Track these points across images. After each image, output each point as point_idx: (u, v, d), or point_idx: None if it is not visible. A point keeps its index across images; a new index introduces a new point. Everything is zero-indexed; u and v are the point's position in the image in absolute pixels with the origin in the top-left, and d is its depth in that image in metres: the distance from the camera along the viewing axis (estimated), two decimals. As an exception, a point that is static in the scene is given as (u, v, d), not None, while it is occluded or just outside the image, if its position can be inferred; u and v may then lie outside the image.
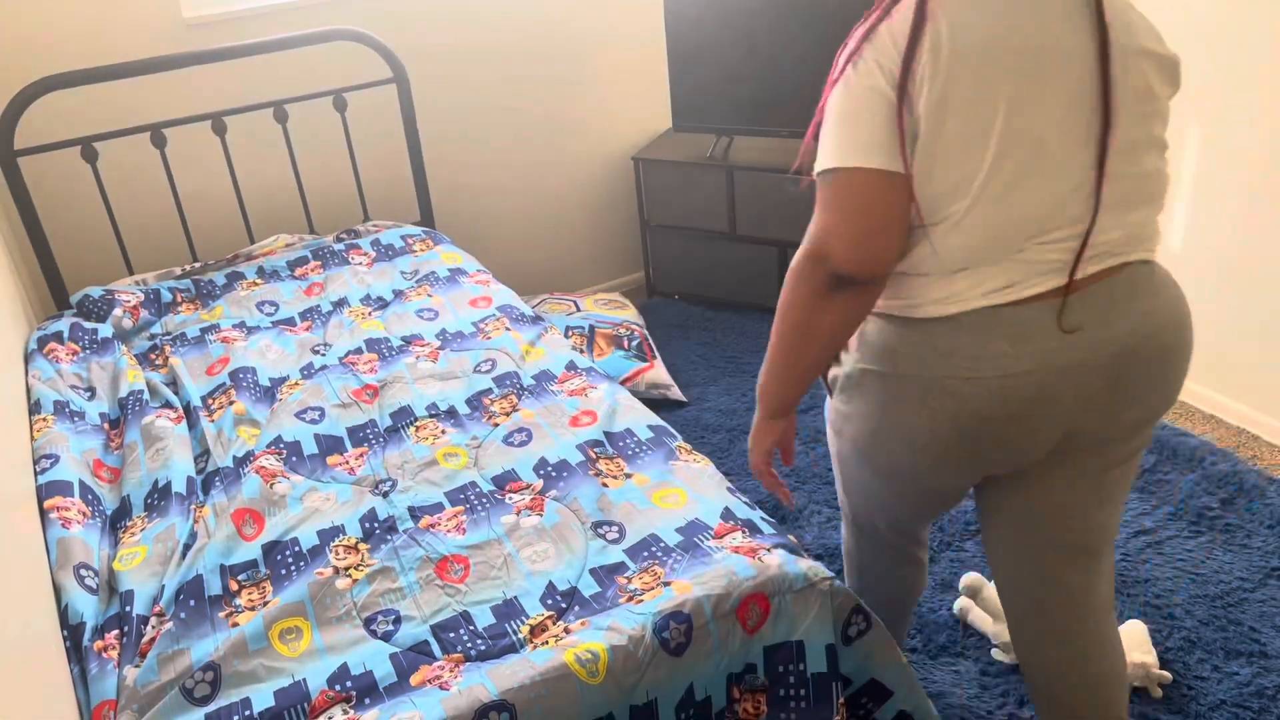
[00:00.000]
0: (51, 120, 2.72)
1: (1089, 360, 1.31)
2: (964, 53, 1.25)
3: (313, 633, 1.45)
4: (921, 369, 1.36)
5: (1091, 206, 1.30)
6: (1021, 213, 1.28)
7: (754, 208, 3.27)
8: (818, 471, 2.57)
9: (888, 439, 1.45)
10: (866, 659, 1.54)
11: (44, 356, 2.22)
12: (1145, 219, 1.38)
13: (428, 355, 2.19)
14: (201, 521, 1.71)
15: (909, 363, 1.38)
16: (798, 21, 3.02)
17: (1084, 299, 1.31)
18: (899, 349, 1.39)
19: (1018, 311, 1.30)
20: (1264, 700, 1.86)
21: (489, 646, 1.40)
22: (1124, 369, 1.33)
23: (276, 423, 1.96)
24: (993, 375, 1.31)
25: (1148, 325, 1.35)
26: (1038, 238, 1.30)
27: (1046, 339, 1.30)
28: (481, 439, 1.89)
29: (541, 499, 1.70)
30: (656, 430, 1.87)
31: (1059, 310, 1.31)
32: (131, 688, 1.38)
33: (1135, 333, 1.33)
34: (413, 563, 1.57)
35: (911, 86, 1.27)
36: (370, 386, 2.09)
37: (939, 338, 1.34)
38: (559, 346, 2.21)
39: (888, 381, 1.42)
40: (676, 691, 1.38)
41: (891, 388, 1.41)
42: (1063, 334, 1.30)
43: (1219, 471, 2.42)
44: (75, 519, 1.69)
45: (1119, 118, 1.34)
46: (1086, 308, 1.31)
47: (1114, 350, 1.32)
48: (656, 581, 1.47)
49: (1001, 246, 1.30)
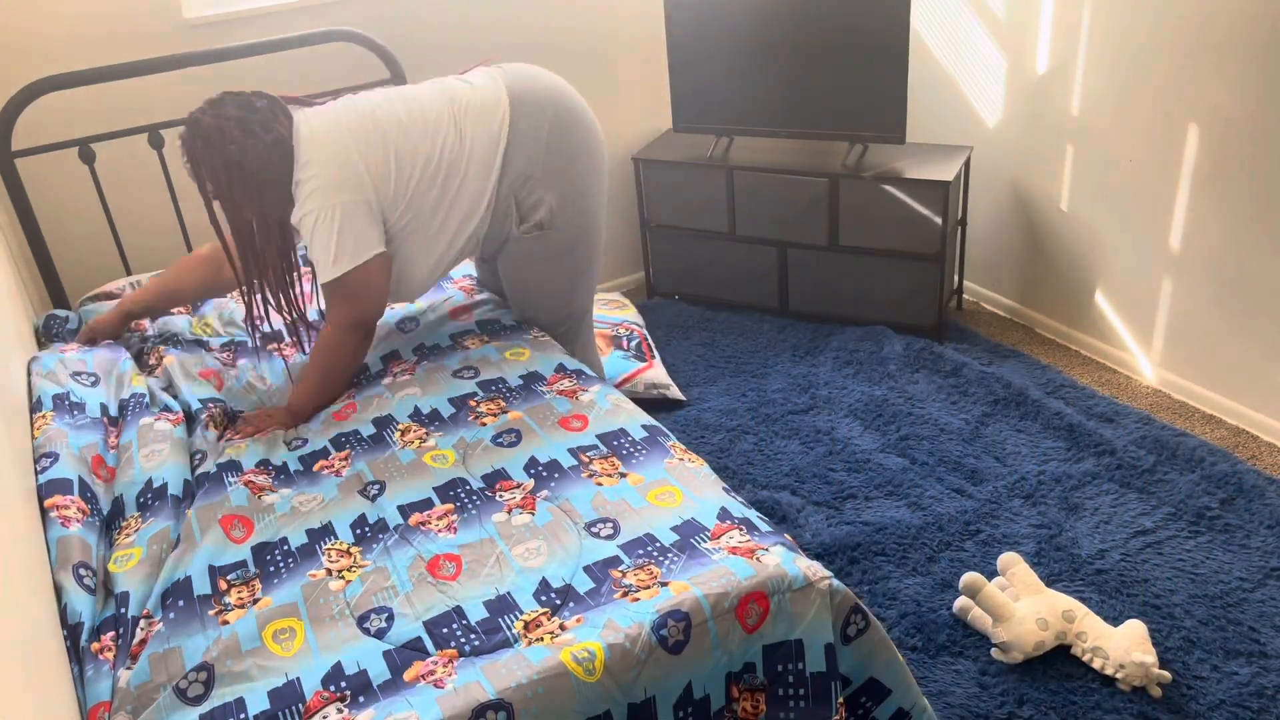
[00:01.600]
0: (50, 120, 2.72)
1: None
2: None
3: (306, 632, 1.45)
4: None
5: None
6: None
7: (754, 208, 3.27)
8: (818, 472, 2.57)
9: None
10: (865, 658, 1.53)
11: (50, 343, 2.22)
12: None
13: (405, 371, 2.17)
14: (186, 526, 1.70)
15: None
16: (797, 22, 3.02)
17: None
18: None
19: None
20: (1263, 700, 1.86)
21: (483, 642, 1.40)
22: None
23: (265, 447, 1.95)
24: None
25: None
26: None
27: None
28: (469, 440, 1.88)
29: (533, 498, 1.69)
30: (650, 430, 1.86)
31: None
32: (125, 689, 1.38)
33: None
34: (405, 562, 1.57)
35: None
36: (350, 405, 2.07)
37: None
38: (547, 349, 2.20)
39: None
40: (675, 690, 1.38)
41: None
42: None
43: (1218, 472, 2.41)
44: (74, 517, 1.68)
45: None
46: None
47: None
48: (653, 580, 1.47)
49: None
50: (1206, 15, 2.44)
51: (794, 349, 3.19)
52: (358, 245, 1.99)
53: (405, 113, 2.08)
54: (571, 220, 2.23)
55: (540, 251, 2.24)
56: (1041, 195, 3.09)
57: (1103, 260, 2.95)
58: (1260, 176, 2.44)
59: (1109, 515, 2.34)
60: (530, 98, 2.15)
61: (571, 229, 2.24)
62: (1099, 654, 1.94)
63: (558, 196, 2.19)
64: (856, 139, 3.11)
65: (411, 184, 2.06)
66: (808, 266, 3.28)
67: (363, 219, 1.99)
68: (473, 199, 2.13)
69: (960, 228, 3.27)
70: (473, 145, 2.11)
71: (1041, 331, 3.24)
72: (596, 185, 2.27)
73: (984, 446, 2.62)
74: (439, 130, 2.08)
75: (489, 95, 2.14)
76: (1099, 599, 2.11)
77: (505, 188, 2.15)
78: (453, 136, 2.09)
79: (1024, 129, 3.08)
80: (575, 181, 2.21)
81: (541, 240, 2.22)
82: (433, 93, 2.14)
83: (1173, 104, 2.58)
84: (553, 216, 2.19)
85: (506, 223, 2.20)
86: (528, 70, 2.22)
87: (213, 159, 1.94)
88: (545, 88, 2.19)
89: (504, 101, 2.13)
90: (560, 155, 2.17)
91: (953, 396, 2.86)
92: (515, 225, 2.20)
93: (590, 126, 2.25)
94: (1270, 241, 2.46)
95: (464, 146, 2.10)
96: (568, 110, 2.19)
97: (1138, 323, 2.90)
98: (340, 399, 2.12)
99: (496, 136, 2.11)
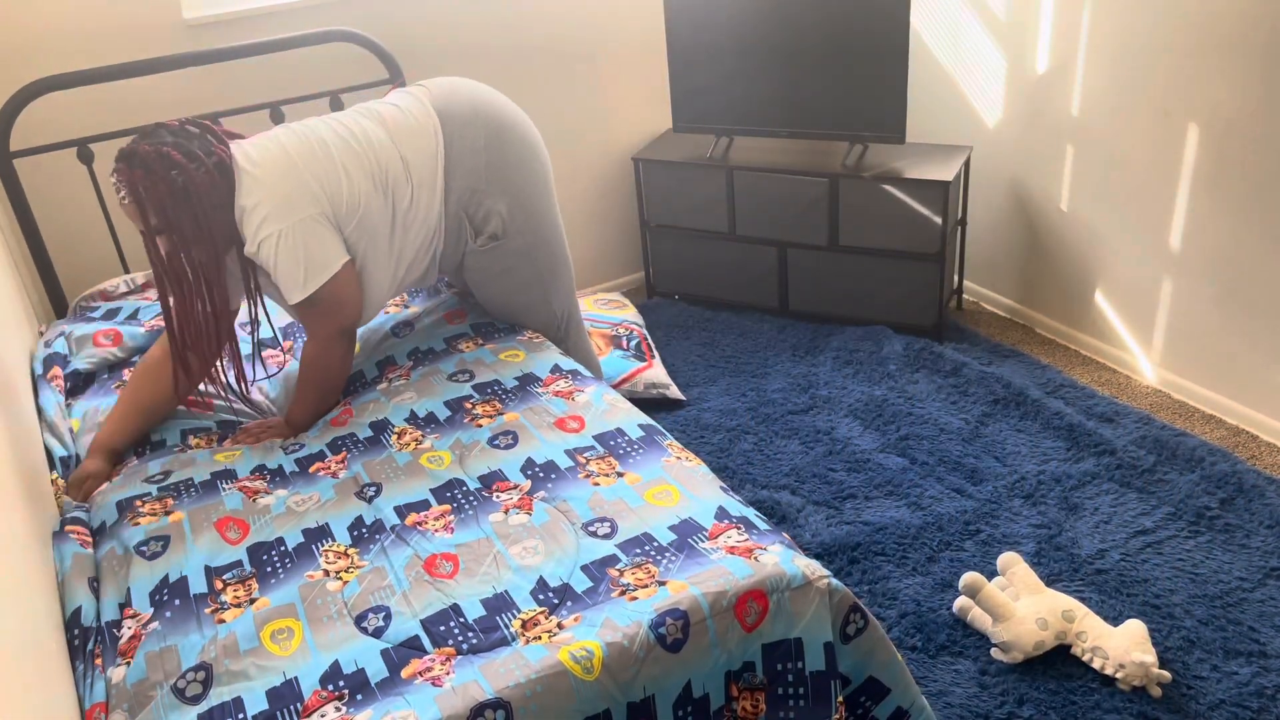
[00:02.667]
0: (49, 121, 2.71)
1: None
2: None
3: (304, 632, 1.44)
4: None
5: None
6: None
7: (754, 208, 3.27)
8: (817, 471, 2.56)
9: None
10: (864, 657, 1.53)
11: (47, 383, 2.19)
12: None
13: (400, 376, 2.17)
14: (175, 526, 1.70)
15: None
16: (797, 22, 3.02)
17: None
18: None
19: None
20: (1263, 700, 1.86)
21: (480, 640, 1.39)
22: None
23: (260, 453, 1.94)
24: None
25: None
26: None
27: None
28: (465, 442, 1.88)
29: (529, 499, 1.69)
30: (647, 429, 1.86)
31: None
32: (121, 686, 1.38)
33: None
34: (402, 561, 1.57)
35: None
36: (347, 410, 2.07)
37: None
38: (542, 350, 2.19)
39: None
40: (674, 688, 1.38)
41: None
42: None
43: (1218, 471, 2.41)
44: (90, 542, 1.73)
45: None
46: None
47: None
48: (651, 579, 1.47)
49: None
50: (1206, 15, 2.44)
51: (794, 349, 3.19)
52: (326, 258, 1.96)
53: (344, 131, 2.04)
54: (524, 227, 2.22)
55: (500, 263, 2.24)
56: (1041, 195, 3.09)
57: (1103, 260, 2.95)
58: (1260, 176, 2.44)
59: (1109, 515, 2.34)
60: (459, 113, 2.13)
61: (526, 235, 2.24)
62: (1099, 654, 1.93)
63: (507, 206, 2.18)
64: (856, 139, 3.11)
65: (362, 196, 2.00)
66: (808, 266, 3.28)
67: (324, 232, 1.95)
68: (425, 213, 2.11)
69: (960, 227, 3.27)
70: (415, 162, 2.08)
71: (1041, 331, 3.24)
72: (543, 189, 2.26)
73: (984, 446, 2.62)
74: (380, 147, 2.04)
75: (417, 116, 2.11)
76: (1099, 599, 2.11)
77: (453, 204, 2.14)
78: (393, 153, 2.06)
79: (1024, 129, 3.08)
80: (522, 189, 2.20)
81: (499, 251, 2.22)
82: (362, 117, 2.09)
83: (1173, 104, 2.58)
84: (504, 226, 2.19)
85: (461, 238, 2.20)
86: (454, 84, 2.19)
87: (156, 186, 1.82)
88: (473, 101, 2.16)
89: (433, 120, 2.11)
90: (502, 166, 2.16)
91: (952, 396, 2.86)
92: (471, 239, 2.20)
93: (526, 133, 2.23)
94: (1270, 241, 2.46)
95: (406, 163, 2.07)
96: (501, 120, 2.17)
97: (1138, 322, 2.89)
98: (336, 407, 2.12)
99: (434, 154, 2.10)
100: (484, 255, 2.22)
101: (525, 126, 2.24)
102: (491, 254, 2.22)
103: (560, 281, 2.38)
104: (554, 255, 2.33)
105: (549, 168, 2.30)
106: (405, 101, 2.15)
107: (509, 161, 2.17)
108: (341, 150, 2.01)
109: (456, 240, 2.19)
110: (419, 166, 2.08)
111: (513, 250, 2.23)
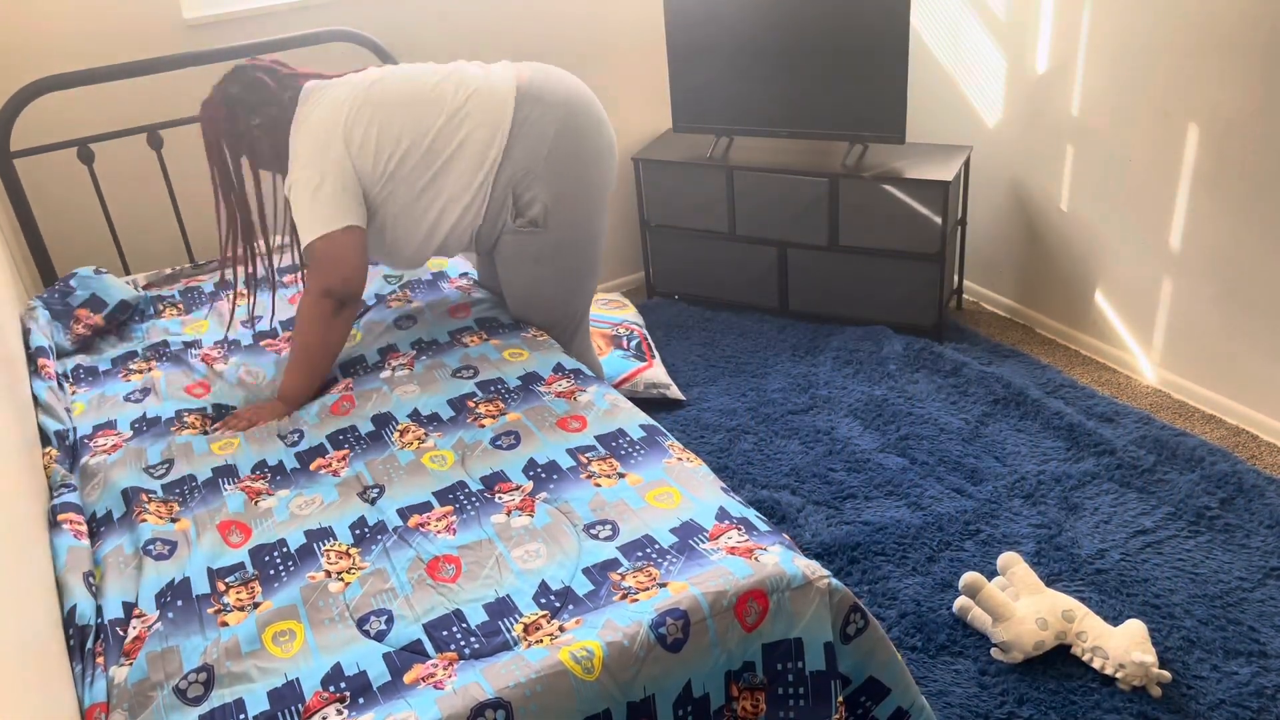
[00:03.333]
0: (49, 120, 2.72)
1: None
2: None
3: (306, 634, 1.44)
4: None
5: None
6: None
7: (754, 208, 3.27)
8: (817, 471, 2.56)
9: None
10: (864, 657, 1.53)
11: (39, 373, 2.21)
12: None
13: (404, 364, 2.18)
14: (182, 534, 1.70)
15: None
16: (797, 22, 3.02)
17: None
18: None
19: None
20: (1263, 700, 1.86)
21: (482, 644, 1.40)
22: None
23: (258, 445, 1.95)
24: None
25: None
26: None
27: None
28: (468, 442, 1.88)
29: (531, 500, 1.69)
30: (648, 430, 1.86)
31: None
32: (122, 686, 1.38)
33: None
34: (404, 563, 1.57)
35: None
36: (347, 397, 2.07)
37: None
38: (545, 348, 2.20)
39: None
40: (674, 688, 1.38)
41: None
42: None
43: (1218, 471, 2.41)
44: (84, 532, 1.72)
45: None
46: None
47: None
48: (652, 582, 1.47)
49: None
50: (1206, 15, 2.44)
51: (794, 349, 3.19)
52: (330, 213, 2.05)
53: (403, 91, 2.14)
54: (565, 222, 2.23)
55: (533, 250, 2.24)
56: (1041, 195, 3.09)
57: (1103, 260, 2.95)
58: (1260, 176, 2.44)
59: (1109, 515, 2.34)
60: (542, 94, 2.17)
61: (564, 230, 2.24)
62: (1099, 654, 1.94)
63: (554, 196, 2.19)
64: (856, 139, 3.11)
65: (393, 161, 2.10)
66: (808, 266, 3.28)
67: (338, 189, 2.06)
68: (461, 181, 2.15)
69: (960, 227, 3.27)
70: (470, 130, 2.13)
71: (1041, 331, 3.24)
72: (594, 196, 2.27)
73: (984, 446, 2.62)
74: (433, 111, 2.12)
75: (499, 85, 2.17)
76: (1099, 599, 2.11)
77: (504, 179, 2.16)
78: (444, 119, 2.12)
79: (1024, 129, 3.08)
80: (575, 185, 2.21)
81: (534, 238, 2.22)
82: (442, 74, 2.18)
83: (1173, 104, 2.58)
84: (546, 215, 2.19)
85: (502, 215, 2.21)
86: (550, 70, 2.24)
87: (236, 118, 2.11)
88: (566, 93, 2.20)
89: (512, 93, 2.15)
90: (564, 157, 2.18)
91: (952, 396, 2.86)
92: (510, 218, 2.21)
93: (602, 137, 2.25)
94: (1270, 241, 2.46)
95: (458, 130, 2.12)
96: (582, 115, 2.20)
97: (1138, 323, 2.90)
98: (336, 389, 2.12)
99: (497, 124, 2.13)
100: (520, 238, 2.23)
101: (603, 135, 2.26)
102: (527, 238, 2.23)
103: (585, 286, 2.39)
104: (586, 259, 2.33)
105: (609, 183, 2.31)
106: (498, 69, 2.21)
107: (571, 158, 2.19)
108: (385, 115, 2.10)
109: (497, 216, 2.21)
110: (477, 130, 2.13)
111: (548, 241, 2.24)
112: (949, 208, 3.00)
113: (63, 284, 2.50)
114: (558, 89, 2.19)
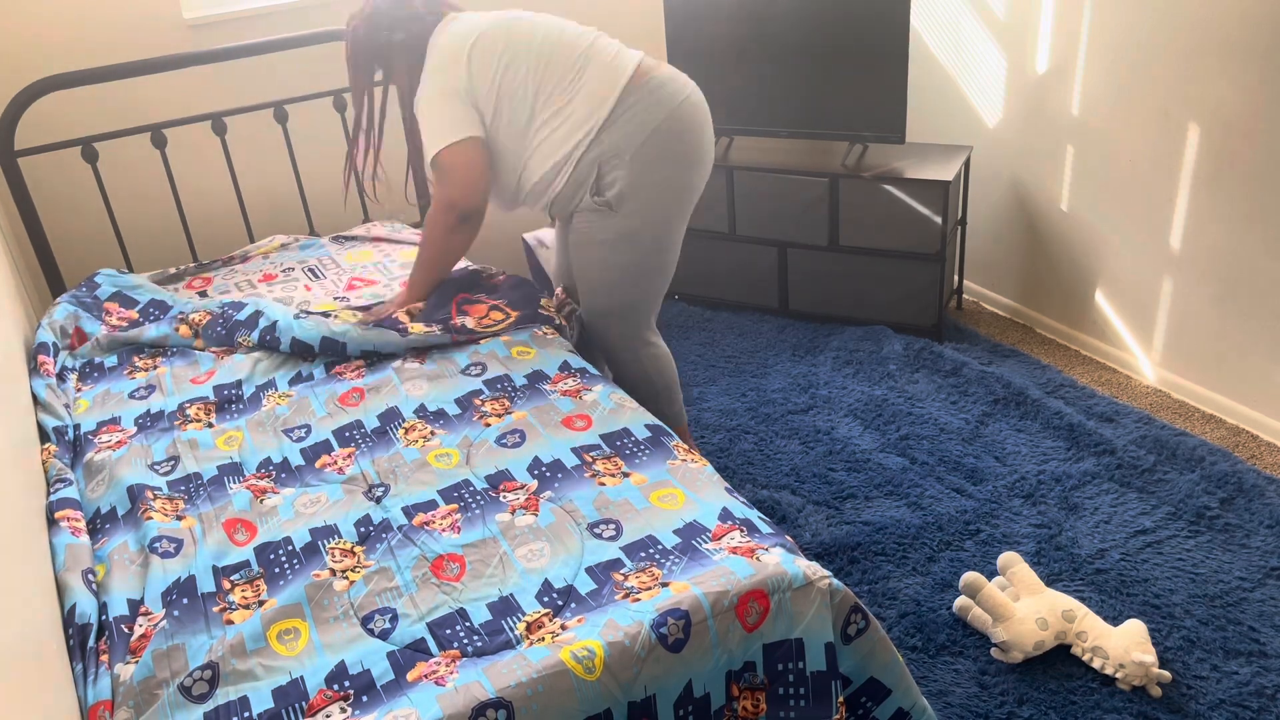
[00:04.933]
0: (52, 120, 2.72)
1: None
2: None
3: (310, 632, 1.45)
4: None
5: None
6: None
7: (754, 208, 3.28)
8: (818, 471, 2.57)
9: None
10: (865, 658, 1.54)
11: (37, 371, 2.22)
12: None
13: (415, 357, 2.18)
14: (188, 531, 1.71)
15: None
16: (797, 22, 3.03)
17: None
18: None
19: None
20: (1263, 700, 1.86)
21: (485, 643, 1.40)
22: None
23: (263, 440, 1.96)
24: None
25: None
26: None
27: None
28: (473, 440, 1.88)
29: (536, 499, 1.70)
30: (653, 430, 1.87)
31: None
32: (128, 683, 1.39)
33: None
34: (409, 562, 1.57)
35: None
36: (357, 389, 2.08)
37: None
38: (552, 346, 2.20)
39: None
40: (675, 688, 1.38)
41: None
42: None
43: (1218, 471, 2.42)
44: (82, 529, 1.73)
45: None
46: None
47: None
48: (654, 582, 1.47)
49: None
50: (1206, 15, 2.45)
51: (794, 349, 3.20)
52: (453, 126, 2.17)
53: (537, 37, 2.21)
54: (636, 211, 2.23)
55: (600, 232, 2.26)
56: (1041, 195, 3.10)
57: (1103, 260, 2.95)
58: (1260, 176, 2.44)
59: (1109, 515, 2.35)
60: (654, 89, 2.20)
61: (634, 220, 2.24)
62: (1099, 654, 1.94)
63: (633, 185, 2.20)
64: (856, 139, 3.12)
65: (503, 98, 2.19)
66: (808, 266, 3.28)
67: (460, 105, 2.18)
68: (553, 140, 2.20)
69: (960, 227, 3.28)
70: (576, 99, 2.18)
71: (1041, 331, 3.25)
72: (675, 199, 2.27)
73: (984, 446, 2.63)
74: (556, 68, 2.19)
75: (619, 67, 2.21)
76: (1099, 599, 2.12)
77: (594, 153, 2.20)
78: (559, 78, 2.19)
79: (1024, 129, 3.08)
80: (657, 181, 2.23)
81: (603, 219, 2.25)
82: (579, 37, 2.24)
83: (1173, 104, 2.58)
84: (621, 200, 2.21)
85: (583, 189, 2.24)
86: (677, 73, 2.28)
87: (375, 34, 2.26)
88: (679, 88, 2.23)
89: (626, 79, 2.19)
90: (656, 152, 2.20)
91: (952, 396, 2.86)
92: (589, 193, 2.24)
93: (700, 149, 2.27)
94: (1270, 241, 2.47)
95: (567, 93, 2.19)
96: (687, 121, 2.22)
97: (1138, 322, 2.90)
98: (349, 377, 2.14)
99: (601, 102, 2.17)
100: (591, 217, 2.26)
101: (701, 150, 2.27)
102: (598, 218, 2.25)
103: (649, 284, 2.35)
104: (653, 257, 2.31)
105: (692, 194, 2.31)
106: (625, 54, 2.25)
107: (663, 157, 2.21)
108: (511, 55, 2.18)
109: (578, 187, 2.24)
110: (580, 100, 2.18)
111: (616, 227, 2.25)
112: (949, 208, 3.00)
113: (88, 281, 2.55)
114: (673, 89, 2.22)
